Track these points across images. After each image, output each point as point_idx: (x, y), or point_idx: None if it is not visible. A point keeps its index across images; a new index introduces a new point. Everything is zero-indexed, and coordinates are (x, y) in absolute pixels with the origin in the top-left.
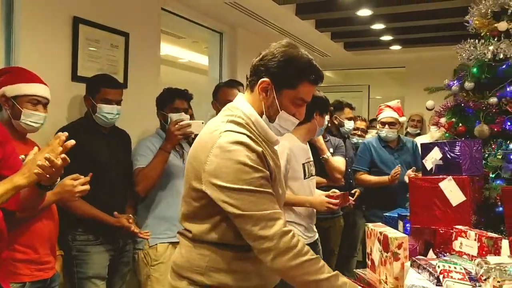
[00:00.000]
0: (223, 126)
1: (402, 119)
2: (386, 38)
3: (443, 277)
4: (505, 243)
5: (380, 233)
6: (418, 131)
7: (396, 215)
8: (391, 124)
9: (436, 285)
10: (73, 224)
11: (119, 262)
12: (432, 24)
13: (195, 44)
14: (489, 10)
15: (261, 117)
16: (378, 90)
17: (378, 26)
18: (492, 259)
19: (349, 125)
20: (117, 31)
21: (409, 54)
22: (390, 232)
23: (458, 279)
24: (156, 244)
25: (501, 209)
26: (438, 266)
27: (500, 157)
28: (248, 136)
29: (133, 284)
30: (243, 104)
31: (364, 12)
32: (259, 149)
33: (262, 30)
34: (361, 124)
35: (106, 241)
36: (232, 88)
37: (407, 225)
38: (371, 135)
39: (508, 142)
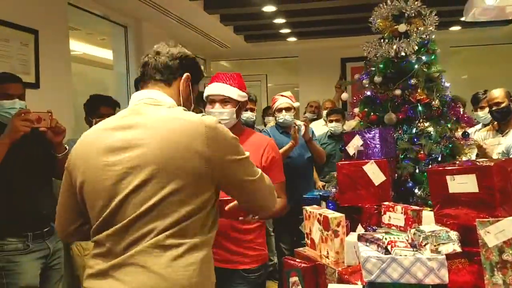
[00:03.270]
0: (190, 113)
1: (296, 104)
2: (285, 31)
3: (391, 247)
4: (426, 213)
5: (320, 214)
6: (315, 116)
7: (318, 196)
8: (287, 109)
9: (385, 254)
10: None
11: (51, 269)
12: (325, 19)
13: (89, 36)
14: (390, 14)
15: None
16: (275, 79)
17: (279, 20)
18: (425, 228)
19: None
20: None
21: (302, 45)
22: (328, 212)
23: (404, 247)
24: None
25: (410, 184)
26: (386, 238)
27: (406, 140)
28: None
29: None
30: (168, 99)
31: (269, 8)
32: None
33: (167, 24)
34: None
35: (36, 249)
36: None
37: (330, 204)
38: (269, 125)
39: (411, 127)
